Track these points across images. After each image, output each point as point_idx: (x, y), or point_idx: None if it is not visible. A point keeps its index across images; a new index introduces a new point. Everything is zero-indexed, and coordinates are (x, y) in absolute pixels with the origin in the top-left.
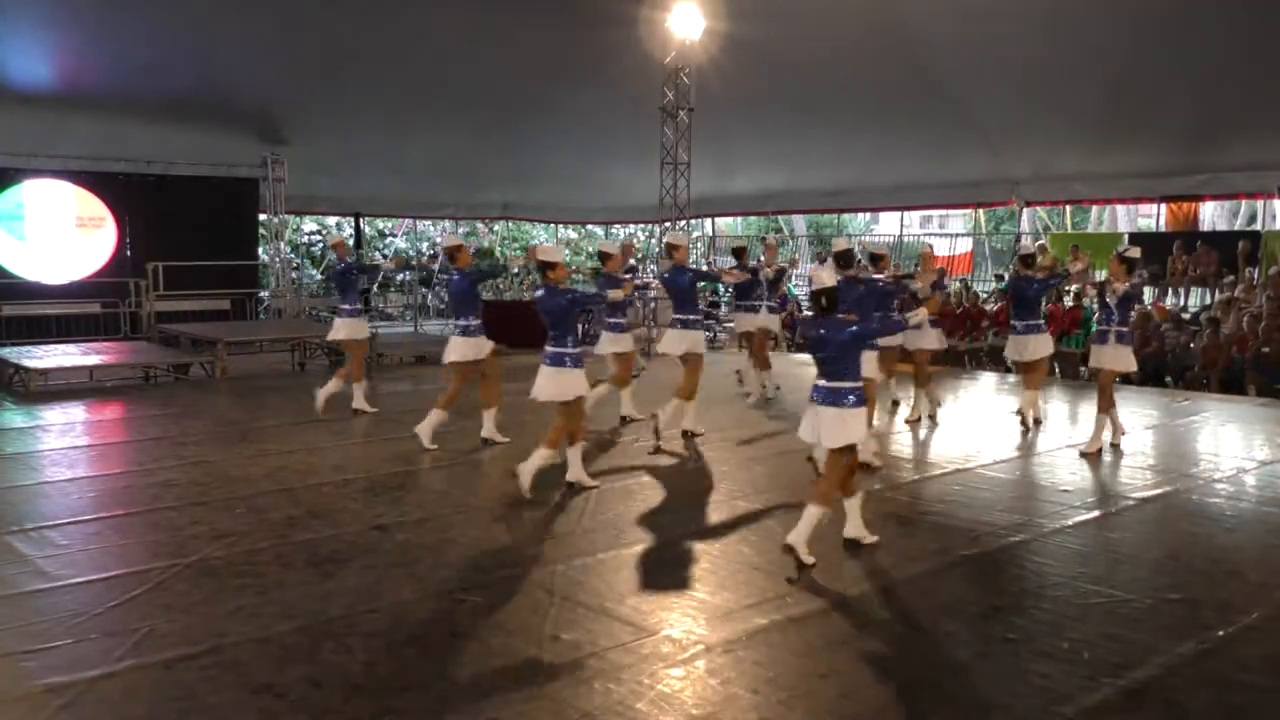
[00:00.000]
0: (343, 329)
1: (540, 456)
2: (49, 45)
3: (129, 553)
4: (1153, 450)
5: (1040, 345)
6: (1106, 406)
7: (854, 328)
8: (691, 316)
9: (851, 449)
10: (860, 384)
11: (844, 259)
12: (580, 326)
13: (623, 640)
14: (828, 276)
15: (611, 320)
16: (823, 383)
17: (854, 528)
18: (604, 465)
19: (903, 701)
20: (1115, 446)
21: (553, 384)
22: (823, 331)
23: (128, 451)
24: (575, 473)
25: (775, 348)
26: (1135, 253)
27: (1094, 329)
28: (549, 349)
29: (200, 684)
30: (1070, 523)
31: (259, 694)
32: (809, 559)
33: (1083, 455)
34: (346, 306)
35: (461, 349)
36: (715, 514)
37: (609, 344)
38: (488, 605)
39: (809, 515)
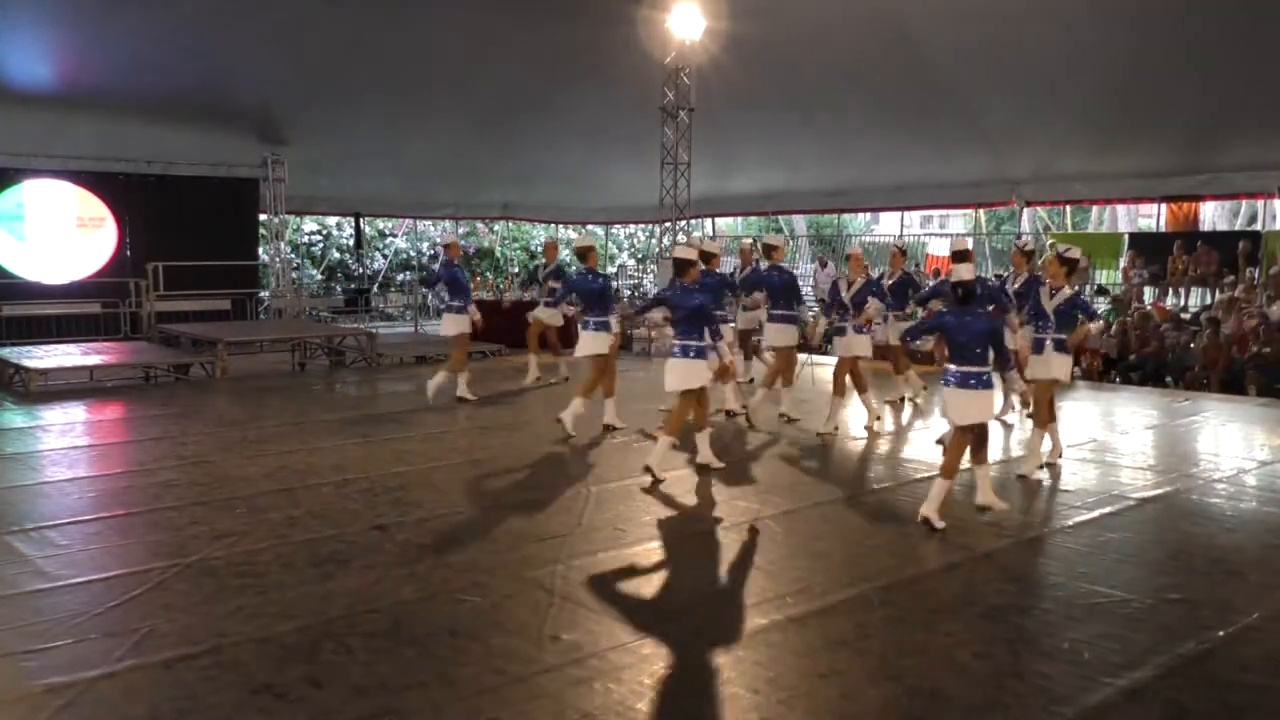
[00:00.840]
0: (453, 324)
1: (665, 444)
2: (49, 45)
3: (129, 553)
4: (1153, 450)
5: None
6: (1045, 421)
7: (992, 321)
8: (789, 312)
9: (982, 425)
10: (988, 369)
11: (963, 256)
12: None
13: (623, 640)
14: (966, 271)
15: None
16: (953, 367)
17: (984, 494)
18: (604, 465)
19: (903, 702)
20: (1050, 466)
21: (680, 374)
22: (963, 320)
23: (128, 451)
24: (705, 455)
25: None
26: (1076, 253)
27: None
28: (677, 342)
29: (200, 684)
30: (1070, 523)
31: (259, 694)
32: (940, 524)
33: (1020, 478)
34: (457, 303)
35: (594, 344)
36: (715, 514)
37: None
38: (488, 605)
39: (938, 487)
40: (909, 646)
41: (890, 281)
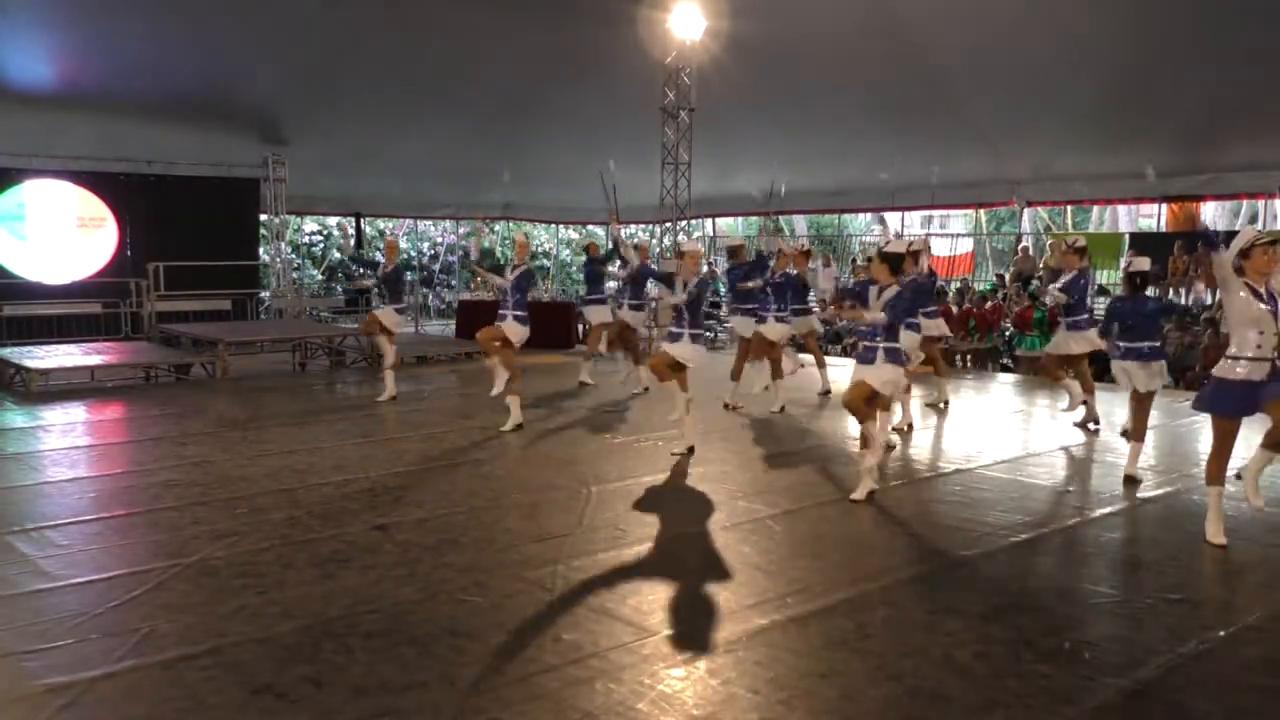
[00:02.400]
0: (600, 314)
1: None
2: (49, 45)
3: (130, 553)
4: (1153, 450)
5: (1085, 341)
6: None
7: (1161, 305)
8: (933, 308)
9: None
10: (1159, 344)
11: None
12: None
13: (623, 640)
14: (1144, 263)
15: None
16: (1124, 344)
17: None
18: (604, 465)
19: (903, 702)
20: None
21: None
22: (1136, 305)
23: (128, 451)
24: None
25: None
26: (899, 247)
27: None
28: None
29: (201, 684)
30: (1070, 523)
31: (260, 694)
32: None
33: (853, 501)
34: (596, 295)
35: (744, 327)
36: (716, 514)
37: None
38: (488, 605)
39: (1132, 450)
40: (909, 646)
41: (779, 279)
